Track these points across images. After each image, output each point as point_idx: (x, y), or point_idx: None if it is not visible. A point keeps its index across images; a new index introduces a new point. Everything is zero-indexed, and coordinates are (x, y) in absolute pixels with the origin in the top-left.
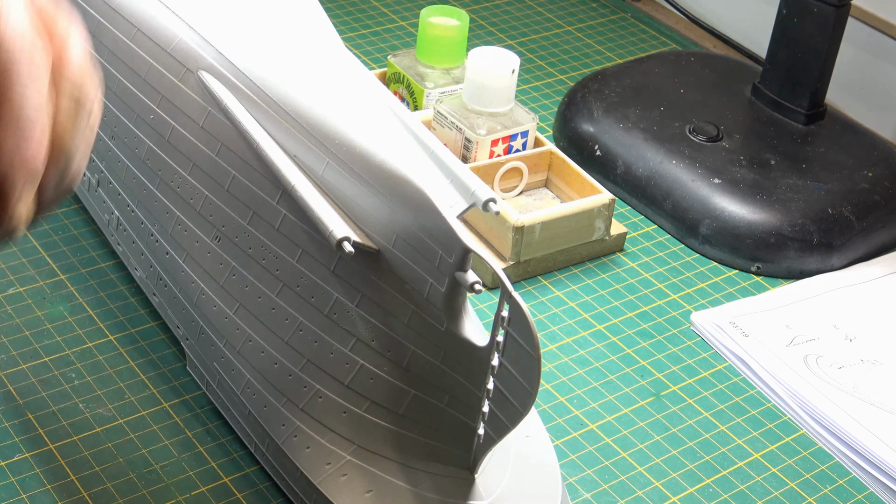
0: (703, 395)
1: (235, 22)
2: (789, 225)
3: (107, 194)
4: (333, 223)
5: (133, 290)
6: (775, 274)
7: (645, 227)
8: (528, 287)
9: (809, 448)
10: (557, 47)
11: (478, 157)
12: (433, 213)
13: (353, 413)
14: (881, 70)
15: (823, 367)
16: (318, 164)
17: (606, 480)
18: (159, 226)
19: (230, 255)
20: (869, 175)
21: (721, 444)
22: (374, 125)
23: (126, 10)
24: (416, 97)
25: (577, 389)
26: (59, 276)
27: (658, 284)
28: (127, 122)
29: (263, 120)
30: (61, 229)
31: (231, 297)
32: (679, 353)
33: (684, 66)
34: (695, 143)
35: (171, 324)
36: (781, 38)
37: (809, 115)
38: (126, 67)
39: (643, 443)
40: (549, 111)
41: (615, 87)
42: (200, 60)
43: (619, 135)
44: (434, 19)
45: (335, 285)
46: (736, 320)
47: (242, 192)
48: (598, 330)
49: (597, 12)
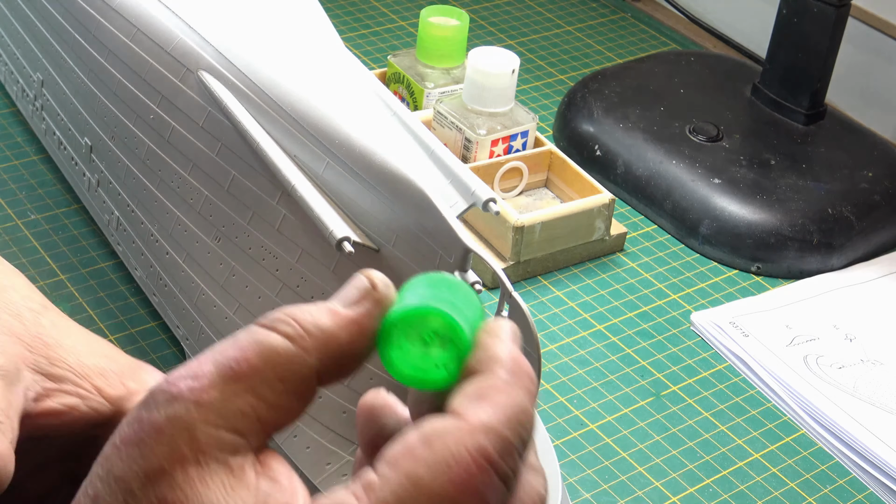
0: (703, 396)
1: (235, 22)
2: (789, 225)
3: (107, 194)
4: (333, 223)
5: (133, 290)
6: (775, 274)
7: (645, 227)
8: (528, 287)
9: (809, 448)
10: (557, 47)
11: (478, 157)
12: (433, 213)
13: (354, 413)
14: (881, 70)
15: (823, 367)
16: (318, 164)
17: (606, 480)
18: (159, 226)
19: (230, 255)
20: (869, 175)
21: (721, 444)
22: (374, 125)
23: (126, 10)
24: (416, 97)
25: (577, 389)
26: (59, 277)
27: (658, 284)
28: (127, 122)
29: (263, 120)
30: (61, 229)
31: (231, 297)
32: (679, 353)
33: (684, 66)
34: (695, 143)
35: (171, 324)
36: (781, 38)
37: (809, 115)
38: (126, 67)
39: (643, 443)
40: (549, 111)
41: (615, 87)
42: (200, 60)
43: (619, 135)
44: (434, 19)
45: (335, 285)
46: (736, 320)
47: (242, 192)
48: (598, 330)
49: (597, 12)
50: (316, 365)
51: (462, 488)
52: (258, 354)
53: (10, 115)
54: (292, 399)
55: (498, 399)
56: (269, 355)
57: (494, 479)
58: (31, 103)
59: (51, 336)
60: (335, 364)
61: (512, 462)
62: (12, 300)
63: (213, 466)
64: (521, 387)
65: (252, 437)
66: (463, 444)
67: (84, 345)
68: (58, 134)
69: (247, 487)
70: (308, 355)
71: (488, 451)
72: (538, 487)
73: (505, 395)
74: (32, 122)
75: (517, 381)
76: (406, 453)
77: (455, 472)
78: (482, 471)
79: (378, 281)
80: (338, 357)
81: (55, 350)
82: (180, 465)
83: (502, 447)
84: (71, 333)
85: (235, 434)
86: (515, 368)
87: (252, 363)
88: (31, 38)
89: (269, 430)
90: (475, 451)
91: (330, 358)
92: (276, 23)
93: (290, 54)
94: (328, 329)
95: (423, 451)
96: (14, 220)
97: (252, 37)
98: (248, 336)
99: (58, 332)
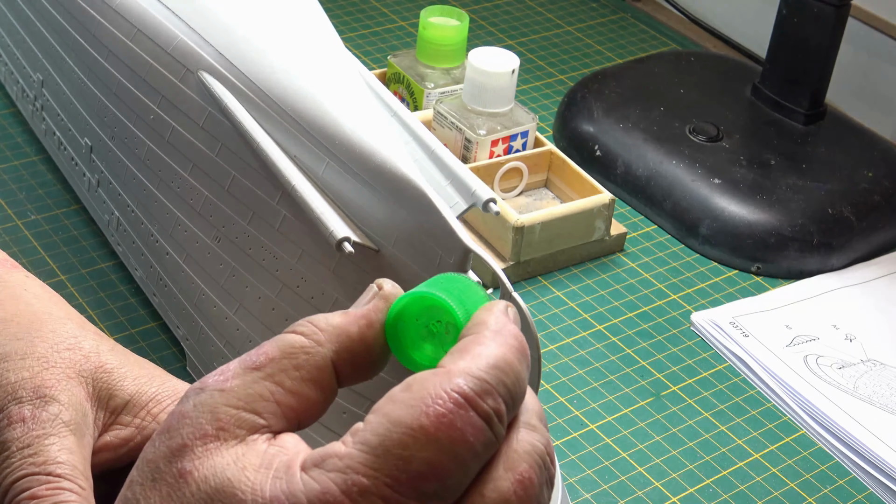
0: (703, 396)
1: (235, 22)
2: (789, 225)
3: (107, 194)
4: (333, 223)
5: (133, 291)
6: (775, 274)
7: (645, 227)
8: (528, 287)
9: (809, 448)
10: (557, 47)
11: (478, 157)
12: (433, 213)
13: (353, 413)
14: (881, 70)
15: (823, 367)
16: (318, 164)
17: (606, 480)
18: (159, 226)
19: (230, 256)
20: (869, 175)
21: (721, 445)
22: (374, 125)
23: (126, 10)
24: (416, 97)
25: (577, 390)
26: (59, 277)
27: (658, 284)
28: (127, 122)
29: (263, 120)
30: (61, 229)
31: (231, 297)
32: (679, 354)
33: (684, 66)
34: (695, 143)
35: (172, 324)
36: (781, 38)
37: (809, 115)
38: (126, 67)
39: (643, 443)
40: (549, 111)
41: (615, 87)
42: (200, 60)
43: (619, 135)
44: (434, 19)
45: (335, 285)
46: (736, 320)
47: (242, 192)
48: (598, 330)
49: (597, 12)
50: (330, 355)
51: (438, 423)
52: (276, 348)
53: (10, 115)
54: (309, 386)
55: (477, 350)
56: (285, 347)
57: (473, 415)
58: (31, 103)
59: (112, 364)
60: (348, 354)
61: (493, 402)
62: (70, 332)
63: (230, 442)
64: (504, 343)
65: (271, 419)
66: (440, 386)
67: (139, 369)
68: (58, 134)
69: (255, 453)
70: (321, 346)
71: (464, 389)
72: (535, 443)
73: (485, 346)
74: (32, 123)
75: (499, 337)
76: (388, 399)
77: (431, 408)
78: (459, 405)
79: (385, 282)
80: (349, 347)
81: (117, 381)
82: (201, 440)
83: (479, 387)
84: (128, 360)
85: (254, 414)
86: (499, 328)
87: (270, 355)
88: (31, 38)
89: (288, 414)
90: (452, 390)
91: (343, 348)
92: (275, 23)
93: (290, 55)
94: (339, 324)
95: (402, 394)
96: (14, 220)
97: (252, 37)
98: (269, 339)
99: (117, 360)
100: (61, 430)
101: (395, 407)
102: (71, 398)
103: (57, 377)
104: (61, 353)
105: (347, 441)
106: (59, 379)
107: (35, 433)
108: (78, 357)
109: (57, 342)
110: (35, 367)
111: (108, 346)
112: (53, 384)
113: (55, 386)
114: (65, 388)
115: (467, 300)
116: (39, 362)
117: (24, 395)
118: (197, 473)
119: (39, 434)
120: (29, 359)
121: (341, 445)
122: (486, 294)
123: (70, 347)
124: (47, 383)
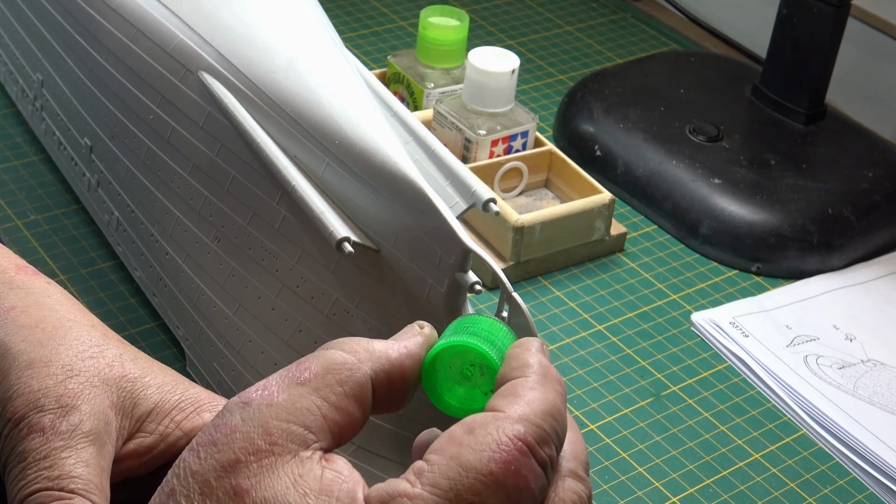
0: (703, 396)
1: (235, 22)
2: (789, 225)
3: (107, 194)
4: (333, 223)
5: (133, 291)
6: (775, 274)
7: (645, 227)
8: (528, 287)
9: (809, 448)
10: (557, 47)
11: (478, 157)
12: (433, 213)
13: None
14: (881, 70)
15: (823, 367)
16: (318, 164)
17: (606, 480)
18: (159, 226)
19: (230, 256)
20: (869, 175)
21: (721, 445)
22: (374, 125)
23: (126, 10)
24: (416, 97)
25: (577, 390)
26: (59, 277)
27: (658, 284)
28: (127, 122)
29: (263, 120)
30: (61, 229)
31: (231, 297)
32: (679, 354)
33: (684, 66)
34: (695, 143)
35: (171, 324)
36: (781, 38)
37: (809, 115)
38: (126, 67)
39: (643, 443)
40: (549, 111)
41: (615, 87)
42: (200, 60)
43: (619, 135)
44: (434, 19)
45: (335, 285)
46: (736, 320)
47: (242, 192)
48: (598, 330)
49: (597, 12)
50: (370, 373)
51: (506, 469)
52: (319, 364)
53: (10, 115)
54: (352, 402)
55: (531, 396)
56: (328, 364)
57: (534, 463)
58: (31, 103)
59: (135, 373)
60: (385, 376)
61: (549, 450)
62: (94, 340)
63: (285, 458)
64: (552, 388)
65: (320, 434)
66: (503, 431)
67: (162, 377)
68: (58, 134)
69: (313, 477)
70: (362, 364)
71: (527, 437)
72: (579, 491)
73: (537, 392)
74: (32, 123)
75: (548, 382)
76: (451, 441)
77: (498, 454)
78: (523, 454)
79: (426, 325)
80: (388, 370)
81: (140, 389)
82: (255, 455)
83: (538, 435)
84: (152, 368)
85: (304, 428)
86: (544, 371)
87: (314, 371)
88: (31, 38)
89: (334, 429)
90: (515, 437)
91: (382, 370)
92: (275, 23)
93: (290, 55)
94: (379, 348)
95: (466, 438)
96: (14, 220)
97: (252, 37)
98: (309, 355)
99: (140, 369)
100: (80, 442)
101: (463, 451)
102: (94, 407)
103: (81, 385)
104: (85, 362)
105: (414, 482)
106: (83, 387)
107: (53, 445)
108: (102, 365)
109: (81, 350)
110: (59, 376)
111: (132, 354)
112: (77, 393)
113: (79, 395)
114: (88, 397)
115: (497, 340)
116: (64, 370)
117: (47, 403)
118: (255, 493)
119: (57, 446)
120: (53, 366)
121: (408, 485)
122: (508, 329)
123: (94, 356)
124: (70, 392)
